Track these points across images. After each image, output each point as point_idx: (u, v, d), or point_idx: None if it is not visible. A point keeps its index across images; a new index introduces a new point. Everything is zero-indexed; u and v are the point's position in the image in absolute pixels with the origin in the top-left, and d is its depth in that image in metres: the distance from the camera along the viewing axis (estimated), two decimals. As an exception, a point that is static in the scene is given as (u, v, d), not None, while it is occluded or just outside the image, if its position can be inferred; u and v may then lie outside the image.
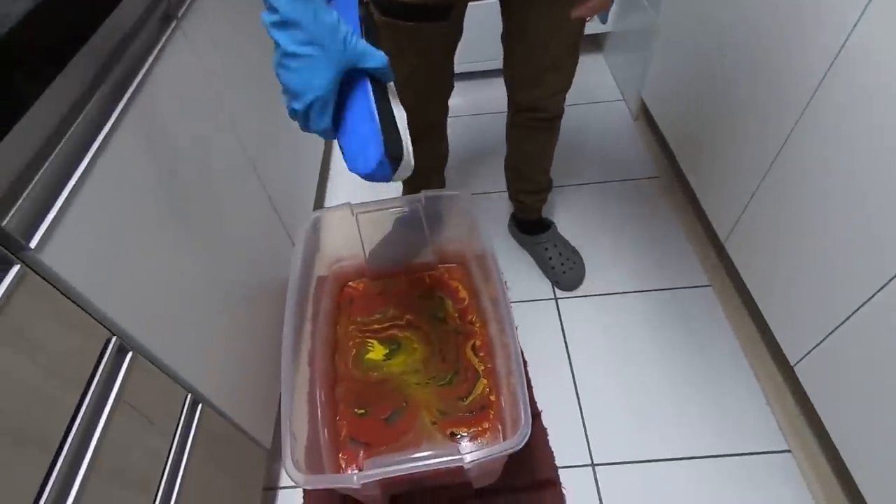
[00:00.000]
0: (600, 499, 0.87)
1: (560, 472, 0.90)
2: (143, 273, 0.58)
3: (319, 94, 0.47)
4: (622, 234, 1.23)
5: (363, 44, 0.49)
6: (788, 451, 0.90)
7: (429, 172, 1.10)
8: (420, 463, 0.62)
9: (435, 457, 0.62)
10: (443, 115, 1.01)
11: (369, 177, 0.51)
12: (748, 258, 1.00)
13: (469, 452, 0.62)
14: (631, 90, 1.52)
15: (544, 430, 0.95)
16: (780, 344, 0.91)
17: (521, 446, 0.62)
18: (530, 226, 1.18)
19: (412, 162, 0.54)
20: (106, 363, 0.50)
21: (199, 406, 0.66)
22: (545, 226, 1.18)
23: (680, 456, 0.90)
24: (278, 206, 0.97)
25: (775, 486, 0.86)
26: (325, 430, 0.81)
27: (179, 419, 0.62)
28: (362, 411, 0.88)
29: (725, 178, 1.05)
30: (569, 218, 1.25)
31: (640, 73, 1.43)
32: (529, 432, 0.63)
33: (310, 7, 0.44)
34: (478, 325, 0.97)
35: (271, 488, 0.92)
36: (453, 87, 0.94)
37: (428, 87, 0.90)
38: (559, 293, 1.13)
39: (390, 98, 0.53)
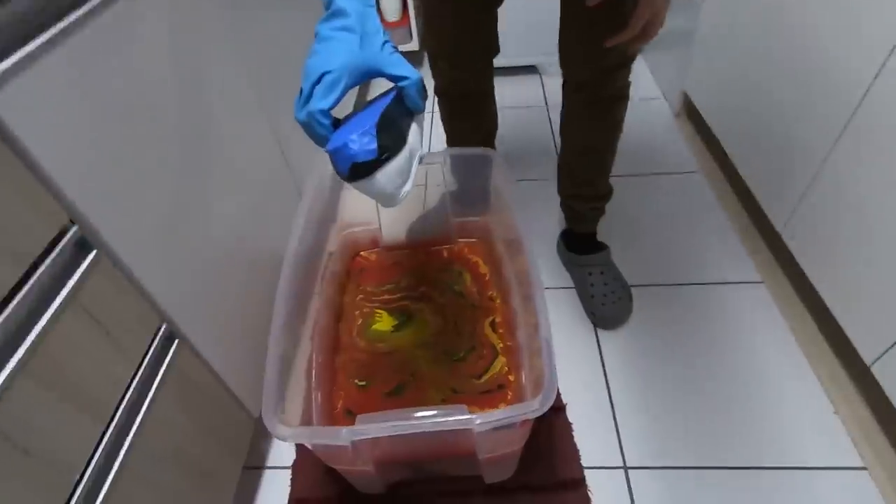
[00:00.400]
0: (634, 506, 0.74)
1: (586, 472, 0.77)
2: (124, 172, 0.51)
3: (330, 69, 0.43)
4: (663, 227, 1.13)
5: (398, 55, 0.46)
6: (863, 468, 0.75)
7: (477, 145, 1.02)
8: (421, 421, 0.52)
9: (439, 416, 0.52)
10: (488, 80, 0.94)
11: (342, 151, 0.43)
12: (809, 247, 0.88)
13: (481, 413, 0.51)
14: (672, 87, 1.45)
15: (569, 424, 0.83)
16: (852, 341, 0.78)
17: (544, 409, 0.51)
18: (580, 242, 1.02)
19: (408, 185, 0.47)
20: (61, 251, 0.43)
21: (176, 342, 0.58)
22: (597, 246, 1.01)
23: (729, 465, 0.77)
24: (290, 158, 0.91)
25: (849, 508, 0.72)
26: (319, 396, 0.71)
27: (149, 348, 0.53)
28: (363, 383, 0.78)
29: (781, 166, 0.94)
30: (606, 209, 1.14)
31: (681, 71, 1.37)
32: (554, 396, 0.52)
33: (361, 4, 0.44)
34: (498, 301, 0.87)
35: (256, 467, 0.82)
36: (498, 49, 0.88)
37: (466, 44, 0.84)
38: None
39: (414, 121, 0.48)
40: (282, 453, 0.83)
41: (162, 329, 0.55)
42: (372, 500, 0.76)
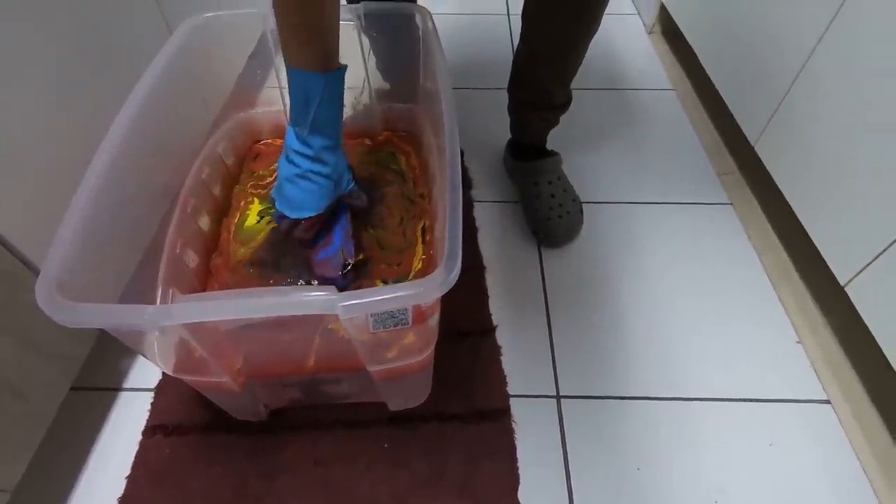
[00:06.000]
0: (564, 439, 0.62)
1: (512, 401, 0.65)
2: None
3: (316, 214, 0.56)
4: (626, 143, 0.99)
5: (355, 186, 0.63)
6: (826, 401, 0.66)
7: None
8: (261, 301, 0.37)
9: (287, 296, 0.37)
10: None
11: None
12: (784, 158, 0.77)
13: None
14: (646, 3, 1.30)
15: (498, 347, 0.70)
16: (826, 260, 0.67)
17: (438, 290, 0.37)
18: (525, 149, 0.88)
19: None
20: None
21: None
22: (545, 153, 0.87)
23: (680, 396, 0.66)
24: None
25: (805, 439, 0.62)
26: (173, 294, 0.55)
27: None
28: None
29: (758, 73, 0.83)
30: (568, 118, 0.95)
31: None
32: (453, 278, 0.38)
33: (335, 154, 0.55)
34: (427, 200, 0.71)
35: (112, 388, 0.66)
36: None
37: None
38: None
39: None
40: (145, 373, 0.68)
41: None
42: (247, 427, 0.62)
